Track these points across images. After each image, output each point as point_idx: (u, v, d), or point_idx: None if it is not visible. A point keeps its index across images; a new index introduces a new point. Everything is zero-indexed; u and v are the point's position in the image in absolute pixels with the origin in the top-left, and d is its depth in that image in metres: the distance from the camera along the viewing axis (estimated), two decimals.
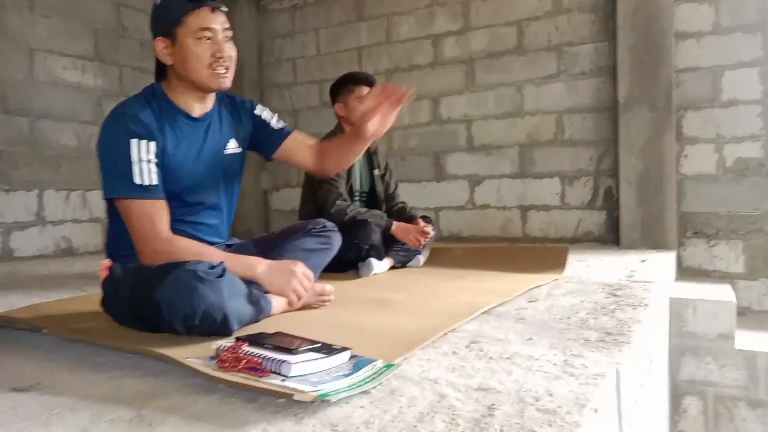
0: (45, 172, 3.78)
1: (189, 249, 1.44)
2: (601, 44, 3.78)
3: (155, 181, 1.46)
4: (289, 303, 1.52)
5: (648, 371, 1.75)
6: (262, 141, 1.77)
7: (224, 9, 1.54)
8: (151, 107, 1.52)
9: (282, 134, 1.77)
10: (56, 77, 3.86)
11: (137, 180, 1.43)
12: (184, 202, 1.58)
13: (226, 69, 1.54)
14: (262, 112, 1.77)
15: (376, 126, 1.62)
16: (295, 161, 1.80)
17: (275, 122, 1.78)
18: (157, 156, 1.47)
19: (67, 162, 3.90)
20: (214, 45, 1.51)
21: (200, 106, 1.61)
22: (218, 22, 1.51)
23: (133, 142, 1.44)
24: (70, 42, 3.94)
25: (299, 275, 1.49)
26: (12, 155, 3.61)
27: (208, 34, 1.49)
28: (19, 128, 3.65)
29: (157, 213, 1.46)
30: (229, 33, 1.55)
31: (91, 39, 4.08)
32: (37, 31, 3.74)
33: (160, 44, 1.52)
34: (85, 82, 4.02)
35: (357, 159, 1.81)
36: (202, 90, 1.57)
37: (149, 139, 1.46)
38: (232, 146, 1.69)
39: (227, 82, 1.56)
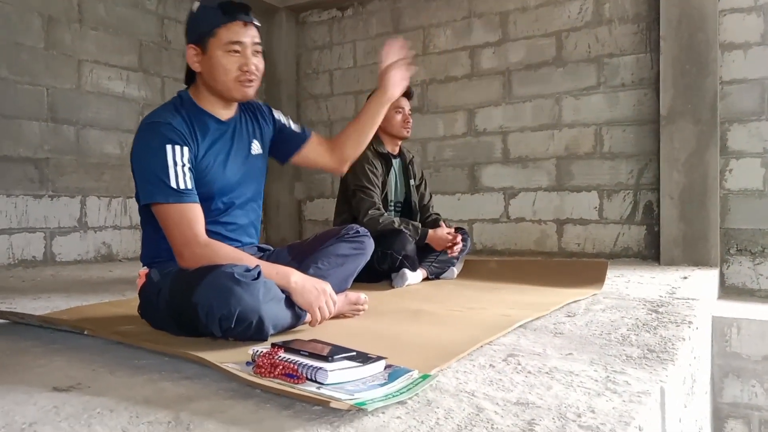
0: (88, 180, 3.90)
1: (227, 254, 1.45)
2: (642, 55, 3.71)
3: (191, 186, 1.49)
4: (311, 322, 1.52)
5: (691, 391, 1.68)
6: (283, 144, 1.79)
7: (257, 23, 1.57)
8: (180, 114, 1.55)
9: (302, 137, 1.81)
10: (102, 88, 3.98)
11: (174, 184, 1.46)
12: (217, 204, 1.61)
13: (251, 81, 1.57)
14: (280, 116, 1.81)
15: (400, 78, 1.75)
16: (315, 162, 1.83)
17: (294, 126, 1.82)
18: (190, 161, 1.51)
19: (109, 170, 4.01)
20: (242, 58, 1.53)
21: (226, 112, 1.65)
22: (249, 36, 1.54)
23: (169, 148, 1.47)
24: (116, 54, 4.07)
25: (329, 294, 1.50)
26: (58, 163, 3.73)
27: (237, 47, 1.52)
28: (66, 137, 3.78)
29: (195, 216, 1.48)
30: (259, 47, 1.58)
31: (136, 51, 4.20)
32: (85, 43, 3.88)
33: (192, 51, 1.56)
34: (129, 93, 4.14)
35: (375, 128, 1.84)
36: (226, 99, 1.61)
37: (183, 145, 1.50)
38: (256, 148, 1.73)
39: (251, 92, 1.59)
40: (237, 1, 1.53)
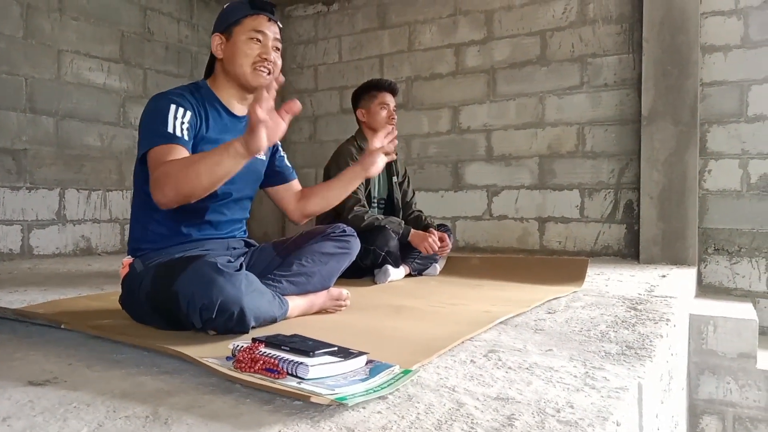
0: (67, 172, 3.84)
1: (182, 162, 1.40)
2: (625, 56, 3.75)
3: (187, 137, 1.50)
4: (268, 139, 1.37)
5: (668, 387, 1.71)
6: (269, 171, 1.83)
7: (280, 25, 1.68)
8: (194, 96, 1.60)
9: (287, 177, 1.87)
10: (82, 78, 3.92)
11: (170, 130, 1.47)
12: (215, 191, 1.59)
13: (269, 72, 1.62)
14: (280, 144, 1.83)
15: (382, 162, 1.82)
16: (280, 203, 1.89)
17: (287, 162, 1.89)
18: (190, 124, 1.52)
19: (89, 162, 3.95)
20: (262, 47, 1.62)
21: (240, 107, 1.68)
22: (271, 30, 1.63)
23: (173, 106, 1.51)
24: (97, 44, 4.00)
25: (262, 117, 1.32)
26: (36, 154, 3.67)
27: (259, 36, 1.61)
28: (44, 128, 3.71)
29: (172, 153, 1.45)
30: (279, 44, 1.67)
31: (117, 41, 4.14)
32: (65, 33, 3.81)
33: (216, 40, 1.64)
34: (110, 84, 4.08)
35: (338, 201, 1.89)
36: (243, 87, 1.64)
37: (187, 109, 1.53)
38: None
39: (266, 81, 1.59)
40: (265, 0, 1.64)
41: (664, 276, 2.87)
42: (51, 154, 3.75)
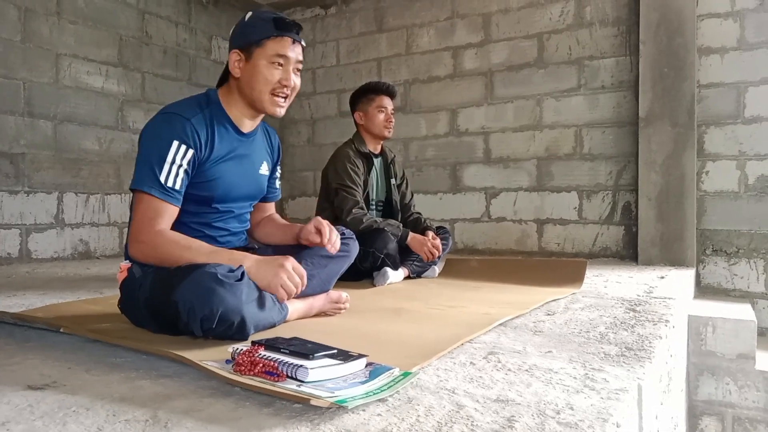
0: (65, 176, 3.83)
1: (177, 242, 1.43)
2: (622, 58, 3.76)
3: (179, 188, 1.48)
4: (279, 299, 1.46)
5: (667, 389, 1.71)
6: None
7: (304, 44, 1.62)
8: (202, 113, 1.54)
9: (273, 197, 1.86)
10: (80, 82, 3.92)
11: (162, 179, 1.45)
12: (216, 209, 1.60)
13: (286, 98, 1.59)
14: (279, 164, 1.86)
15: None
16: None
17: (278, 183, 1.88)
18: (189, 164, 1.49)
19: (87, 166, 3.95)
20: (284, 73, 1.56)
21: (250, 124, 1.65)
22: (294, 53, 1.57)
23: (175, 144, 1.46)
24: (95, 48, 4.00)
25: (288, 270, 1.43)
26: (34, 158, 3.66)
27: (281, 61, 1.55)
28: (42, 132, 3.71)
29: (164, 213, 1.46)
30: (300, 66, 1.61)
31: (115, 45, 4.14)
32: (63, 36, 3.81)
33: (235, 56, 1.56)
34: (108, 88, 4.08)
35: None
36: (256, 109, 1.61)
37: (190, 147, 1.48)
38: (264, 169, 1.75)
39: (281, 111, 1.60)
40: (290, 20, 1.56)
41: (662, 277, 2.88)
42: (49, 157, 3.74)
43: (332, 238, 1.65)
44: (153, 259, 1.43)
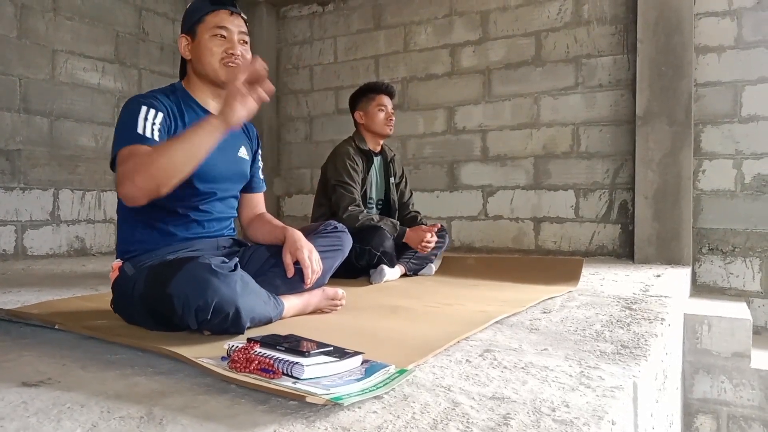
0: (61, 172, 3.82)
1: (154, 149, 1.38)
2: (620, 57, 3.76)
3: (157, 137, 1.48)
4: (247, 109, 1.37)
5: (663, 387, 1.71)
6: None
7: (243, 16, 1.66)
8: (169, 98, 1.59)
9: (253, 187, 1.84)
10: (76, 79, 3.90)
11: (140, 131, 1.45)
12: (198, 189, 1.59)
13: (237, 65, 1.59)
14: (259, 153, 1.85)
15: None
16: (239, 211, 1.84)
17: (261, 173, 1.87)
18: (162, 126, 1.50)
19: (83, 162, 3.94)
20: (227, 42, 1.61)
21: (215, 104, 1.66)
22: (235, 24, 1.62)
23: (143, 108, 1.49)
24: (92, 44, 3.99)
25: (242, 91, 1.35)
26: (30, 154, 3.65)
27: (223, 32, 1.60)
28: (38, 128, 3.70)
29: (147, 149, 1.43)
30: (246, 37, 1.66)
31: (112, 42, 4.13)
32: (59, 33, 3.80)
33: (183, 41, 1.64)
34: (104, 84, 4.07)
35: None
36: (215, 84, 1.63)
37: (159, 110, 1.51)
38: (243, 152, 1.76)
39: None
40: None
41: (658, 276, 2.88)
42: (45, 154, 3.73)
43: (313, 278, 1.60)
44: (144, 177, 1.34)
